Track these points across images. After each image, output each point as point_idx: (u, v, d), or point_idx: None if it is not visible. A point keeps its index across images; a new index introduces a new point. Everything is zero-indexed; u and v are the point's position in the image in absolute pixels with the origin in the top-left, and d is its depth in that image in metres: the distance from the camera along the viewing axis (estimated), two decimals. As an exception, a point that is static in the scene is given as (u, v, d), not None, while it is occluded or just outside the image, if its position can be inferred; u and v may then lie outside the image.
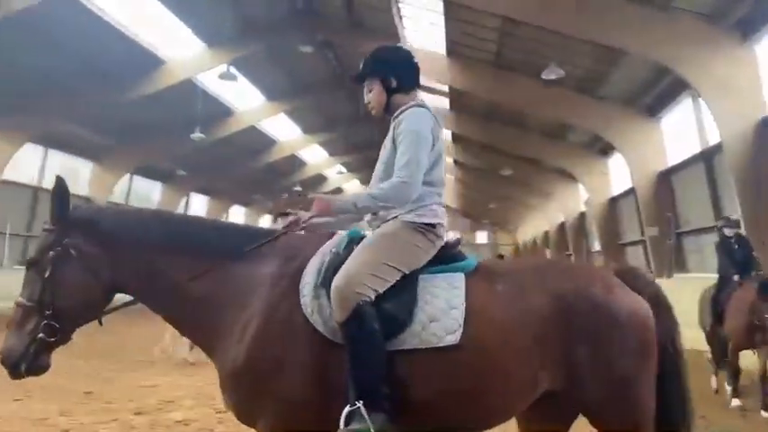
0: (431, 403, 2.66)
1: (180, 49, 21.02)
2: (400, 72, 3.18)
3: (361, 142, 37.53)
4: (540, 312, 2.75)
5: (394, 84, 3.16)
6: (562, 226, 33.08)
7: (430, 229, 2.96)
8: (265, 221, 47.24)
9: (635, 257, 22.41)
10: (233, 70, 20.63)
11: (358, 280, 2.72)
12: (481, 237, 58.54)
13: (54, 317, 2.74)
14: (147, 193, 32.11)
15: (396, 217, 2.97)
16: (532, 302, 2.77)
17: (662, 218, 18.22)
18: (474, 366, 2.67)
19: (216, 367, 2.89)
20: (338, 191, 49.26)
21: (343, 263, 2.81)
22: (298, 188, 38.96)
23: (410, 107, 3.08)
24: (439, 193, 3.08)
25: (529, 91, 19.14)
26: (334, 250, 2.90)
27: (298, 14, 21.10)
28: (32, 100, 19.82)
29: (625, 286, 2.93)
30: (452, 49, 20.04)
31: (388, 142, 3.08)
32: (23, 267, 2.98)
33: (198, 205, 38.03)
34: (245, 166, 33.15)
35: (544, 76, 16.79)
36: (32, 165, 23.75)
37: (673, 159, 18.17)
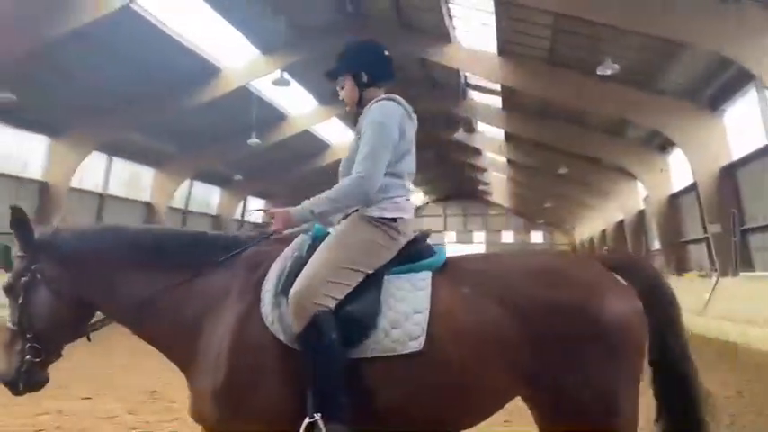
0: (396, 411, 2.58)
1: (235, 57, 21.55)
2: (371, 66, 3.11)
3: (413, 144, 37.51)
4: (505, 317, 2.58)
5: (365, 78, 3.10)
6: (620, 225, 32.26)
7: (390, 223, 2.81)
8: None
9: (697, 256, 21.65)
10: (286, 76, 20.99)
11: (315, 288, 2.61)
12: (536, 237, 57.69)
13: (35, 338, 2.82)
14: (206, 198, 32.97)
15: (356, 210, 2.85)
16: (498, 307, 2.60)
17: (725, 214, 17.56)
18: (439, 373, 2.55)
19: (188, 385, 2.81)
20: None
21: (304, 266, 2.70)
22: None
23: (378, 100, 2.99)
24: (406, 185, 2.96)
25: (584, 87, 18.78)
26: (296, 254, 2.80)
27: (347, 18, 21.33)
28: (98, 111, 20.73)
29: (608, 279, 2.71)
30: (504, 48, 19.84)
31: (355, 137, 2.99)
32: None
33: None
34: (299, 169, 33.64)
35: (599, 71, 16.44)
36: (98, 172, 24.74)
37: (737, 153, 17.50)
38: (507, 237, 58.44)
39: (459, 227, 59.34)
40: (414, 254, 2.83)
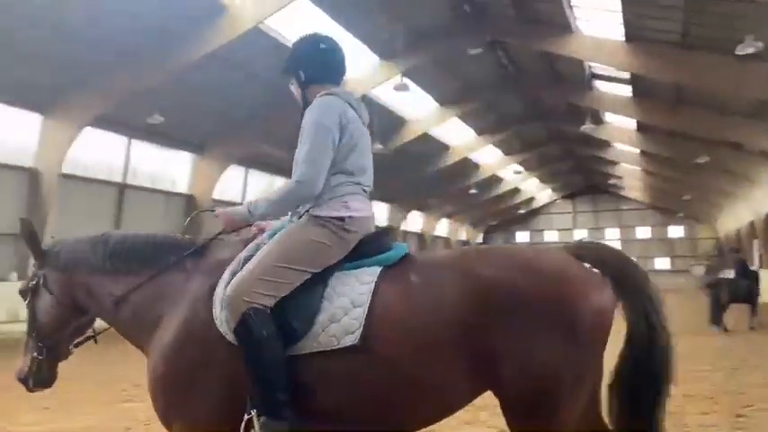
0: (341, 408, 2.51)
1: (356, 66, 22.18)
2: (307, 64, 3.01)
3: (535, 140, 36.70)
4: (463, 304, 2.46)
5: (303, 77, 3.03)
6: (771, 214, 29.55)
7: (337, 222, 2.73)
8: (442, 225, 47.95)
9: None
10: (406, 80, 21.30)
11: (247, 287, 2.59)
12: (675, 231, 54.05)
13: (39, 338, 3.13)
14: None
15: (308, 210, 2.81)
16: (446, 296, 2.48)
17: None
18: (379, 367, 2.46)
19: None
20: (515, 191, 48.53)
21: None
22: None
23: (319, 97, 2.87)
24: (357, 182, 2.84)
25: (722, 69, 17.46)
26: (247, 254, 2.80)
27: (465, 18, 21.27)
28: (235, 127, 22.20)
29: (576, 267, 2.57)
30: (632, 34, 18.91)
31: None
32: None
33: (380, 213, 39.64)
34: (419, 172, 33.94)
35: (739, 51, 15.22)
36: (237, 184, 26.46)
37: None
38: (643, 232, 55.21)
39: (590, 224, 56.73)
40: (368, 250, 2.76)
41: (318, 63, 3.02)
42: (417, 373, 2.45)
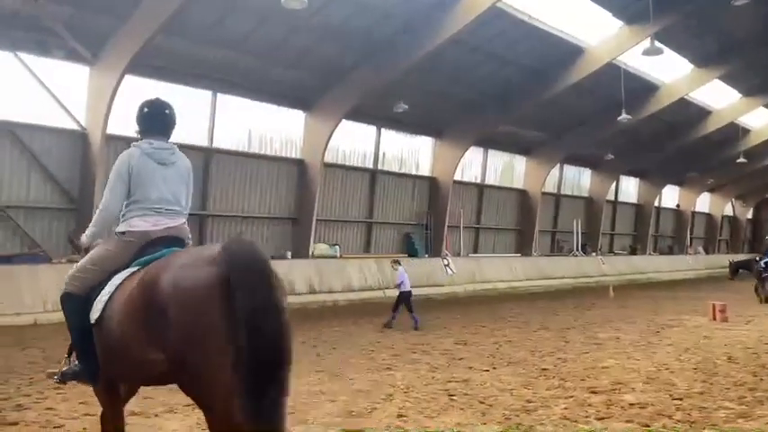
0: (103, 362, 3.67)
1: (599, 33, 20.98)
2: (137, 122, 4.16)
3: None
4: (137, 298, 3.26)
5: (137, 131, 4.17)
6: None
7: (119, 235, 3.91)
8: (703, 200, 43.34)
9: None
10: (658, 44, 19.55)
11: (67, 278, 3.93)
12: None
13: None
14: (576, 181, 32.98)
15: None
16: (133, 290, 3.33)
17: None
18: (105, 338, 3.54)
19: None
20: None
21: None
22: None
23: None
24: (142, 206, 3.90)
25: None
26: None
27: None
28: (473, 108, 22.57)
29: (192, 260, 3.18)
30: None
31: None
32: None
33: (629, 188, 37.19)
34: (675, 142, 31.07)
35: None
36: (476, 165, 26.94)
37: None
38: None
39: None
40: (144, 254, 3.75)
41: (141, 122, 4.16)
42: (124, 347, 3.35)
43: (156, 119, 4.13)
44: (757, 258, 20.22)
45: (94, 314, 3.60)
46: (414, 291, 13.64)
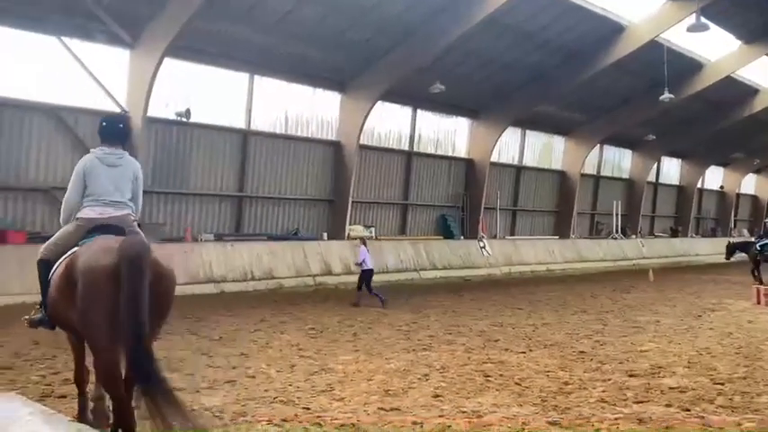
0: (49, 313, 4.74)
1: (640, 10, 20.39)
2: (98, 132, 5.09)
3: None
4: (63, 273, 4.41)
5: (99, 140, 5.10)
6: None
7: (75, 221, 4.86)
8: (748, 181, 42.15)
9: None
10: (703, 20, 18.91)
11: (42, 248, 4.87)
12: None
13: None
14: (617, 162, 32.37)
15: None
16: (63, 266, 4.47)
17: None
18: (51, 297, 4.58)
19: None
20: None
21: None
22: None
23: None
24: (94, 199, 4.85)
25: None
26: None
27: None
28: (510, 89, 22.26)
29: (96, 247, 4.35)
30: None
31: None
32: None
33: (670, 170, 36.32)
34: (720, 121, 30.14)
35: None
36: (514, 146, 26.64)
37: None
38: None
39: None
40: (88, 236, 4.69)
41: (101, 133, 5.07)
42: (56, 302, 4.51)
43: (111, 131, 5.09)
44: (754, 240, 20.58)
45: (51, 277, 4.69)
46: (450, 273, 13.64)
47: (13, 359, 7.40)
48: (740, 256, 20.66)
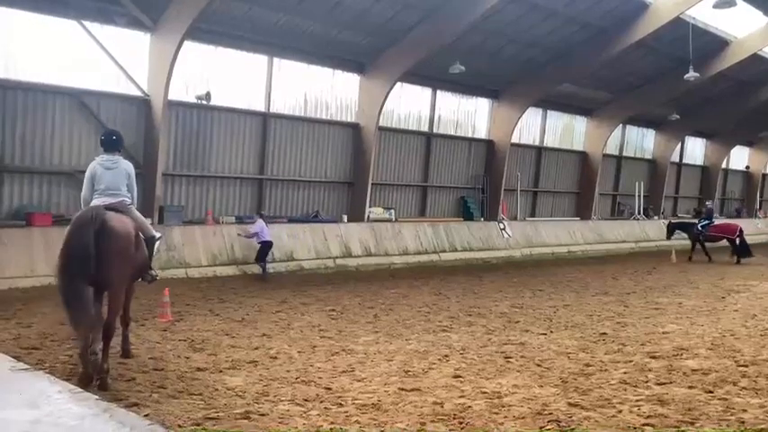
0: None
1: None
2: (99, 143, 7.09)
3: None
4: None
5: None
6: None
7: (83, 207, 6.61)
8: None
9: None
10: (731, -5, 18.43)
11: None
12: None
13: None
14: (640, 142, 31.88)
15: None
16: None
17: None
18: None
19: None
20: None
21: None
22: None
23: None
24: (100, 192, 6.65)
25: None
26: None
27: None
28: (531, 69, 21.97)
29: (82, 216, 6.14)
30: None
31: None
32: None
33: (695, 150, 35.71)
34: (746, 100, 29.50)
35: None
36: (535, 127, 26.35)
37: None
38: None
39: None
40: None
41: (101, 144, 6.96)
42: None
43: (108, 142, 6.91)
44: (696, 221, 22.78)
45: None
46: (470, 255, 13.61)
47: (41, 339, 7.57)
48: (680, 234, 22.66)
